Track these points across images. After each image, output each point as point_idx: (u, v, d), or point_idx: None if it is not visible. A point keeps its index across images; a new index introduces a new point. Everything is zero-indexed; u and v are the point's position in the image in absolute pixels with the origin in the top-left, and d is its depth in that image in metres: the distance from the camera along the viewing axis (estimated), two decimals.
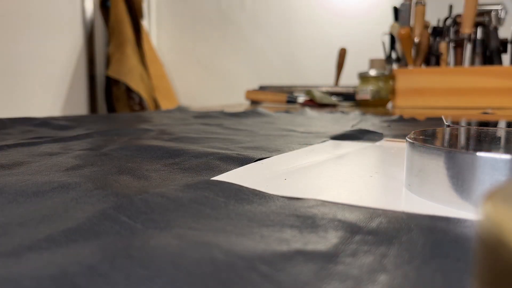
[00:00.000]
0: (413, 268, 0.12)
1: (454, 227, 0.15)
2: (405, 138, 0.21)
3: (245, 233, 0.14)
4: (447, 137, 0.22)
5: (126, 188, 0.20)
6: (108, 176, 0.23)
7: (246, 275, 0.11)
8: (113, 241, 0.13)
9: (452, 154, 0.17)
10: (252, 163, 0.26)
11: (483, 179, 0.16)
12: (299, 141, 0.38)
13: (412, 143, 0.20)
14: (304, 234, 0.14)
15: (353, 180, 0.23)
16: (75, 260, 0.12)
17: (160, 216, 0.16)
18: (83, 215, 0.16)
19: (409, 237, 0.14)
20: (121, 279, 0.11)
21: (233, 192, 0.20)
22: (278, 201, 0.18)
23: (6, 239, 0.14)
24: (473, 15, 0.96)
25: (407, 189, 0.20)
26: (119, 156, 0.29)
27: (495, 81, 0.94)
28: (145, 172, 0.24)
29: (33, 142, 0.35)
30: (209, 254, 0.12)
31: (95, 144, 0.35)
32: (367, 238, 0.14)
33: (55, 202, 0.18)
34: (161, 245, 0.13)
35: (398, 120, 0.62)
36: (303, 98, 1.11)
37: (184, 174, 0.24)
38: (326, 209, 0.17)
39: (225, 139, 0.38)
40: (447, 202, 0.18)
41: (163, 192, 0.20)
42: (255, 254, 0.12)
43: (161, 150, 0.31)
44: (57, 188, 0.20)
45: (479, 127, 0.27)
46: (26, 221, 0.15)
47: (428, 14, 1.06)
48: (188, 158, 0.28)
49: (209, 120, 0.58)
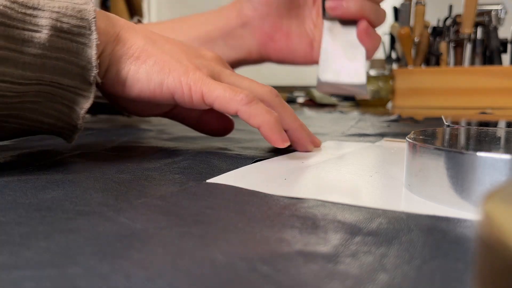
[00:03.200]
0: (413, 268, 0.12)
1: (454, 227, 0.15)
2: (405, 138, 0.21)
3: (245, 233, 0.14)
4: (447, 137, 0.22)
5: (125, 189, 0.20)
6: (108, 176, 0.23)
7: (246, 276, 0.11)
8: (113, 242, 0.13)
9: (452, 154, 0.17)
10: (251, 163, 0.26)
11: (483, 179, 0.16)
12: None
13: (412, 143, 0.20)
14: (304, 235, 0.14)
15: (353, 180, 0.23)
16: (74, 261, 0.12)
17: (160, 217, 0.16)
18: (83, 216, 0.16)
19: (409, 237, 0.14)
20: (121, 280, 0.11)
21: (233, 193, 0.20)
22: (278, 201, 0.18)
23: (6, 239, 0.14)
24: (473, 15, 0.96)
25: (407, 189, 0.20)
26: (118, 156, 0.29)
27: (495, 81, 0.94)
28: (144, 171, 0.24)
29: (32, 142, 0.35)
30: (208, 255, 0.12)
31: (95, 144, 0.35)
32: (367, 239, 0.14)
33: (54, 203, 0.18)
34: (161, 246, 0.13)
35: (397, 120, 0.62)
36: (303, 98, 1.11)
37: (184, 173, 0.24)
38: (326, 209, 0.17)
39: (224, 139, 0.38)
40: (447, 202, 0.18)
41: (162, 193, 0.20)
42: (255, 254, 0.12)
43: (160, 149, 0.31)
44: (56, 189, 0.20)
45: (479, 127, 0.27)
46: (26, 221, 0.15)
47: (428, 14, 1.06)
48: (188, 158, 0.28)
49: None
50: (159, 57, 0.28)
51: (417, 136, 0.21)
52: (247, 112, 0.27)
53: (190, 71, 0.28)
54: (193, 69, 0.28)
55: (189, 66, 0.28)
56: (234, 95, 0.27)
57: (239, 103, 0.27)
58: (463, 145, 0.19)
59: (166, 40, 0.30)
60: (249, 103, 0.27)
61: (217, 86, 0.27)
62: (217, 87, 0.27)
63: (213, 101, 0.27)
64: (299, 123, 0.31)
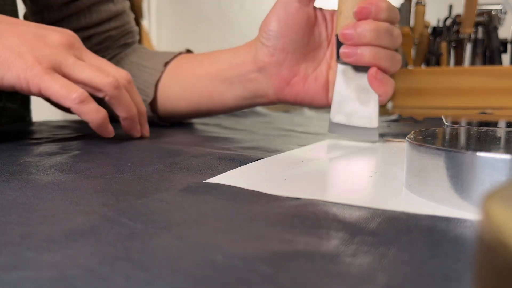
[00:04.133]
0: (413, 268, 0.12)
1: (454, 227, 0.15)
2: (405, 138, 0.21)
3: (245, 233, 0.14)
4: (447, 137, 0.22)
5: (125, 189, 0.20)
6: (108, 176, 0.23)
7: (246, 276, 0.11)
8: (113, 242, 0.13)
9: (452, 154, 0.17)
10: (251, 163, 0.26)
11: (483, 179, 0.16)
12: (298, 141, 0.38)
13: (412, 143, 0.20)
14: (304, 235, 0.14)
15: (353, 180, 0.23)
16: (74, 262, 0.12)
17: (160, 218, 0.16)
18: (83, 216, 0.16)
19: (409, 237, 0.14)
20: (121, 281, 0.11)
21: (233, 193, 0.20)
22: (278, 201, 0.18)
23: (6, 239, 0.14)
24: (473, 15, 0.96)
25: (407, 189, 0.20)
26: (118, 156, 0.29)
27: (495, 81, 0.94)
28: (144, 171, 0.24)
29: (32, 142, 0.35)
30: (209, 256, 0.12)
31: (95, 144, 0.35)
32: (367, 239, 0.14)
33: (54, 203, 0.18)
34: (161, 247, 0.13)
35: (397, 120, 0.62)
36: None
37: (184, 173, 0.24)
38: (326, 209, 0.17)
39: (224, 139, 0.38)
40: (447, 202, 0.18)
41: (162, 193, 0.20)
42: (255, 254, 0.12)
43: (160, 149, 0.31)
44: (56, 189, 0.20)
45: (479, 127, 0.27)
46: (26, 221, 0.15)
47: (428, 14, 1.06)
48: (188, 158, 0.28)
49: (208, 120, 0.58)
50: (0, 53, 0.30)
51: (417, 136, 0.21)
52: (78, 110, 0.31)
53: (28, 68, 0.30)
54: (32, 65, 0.30)
55: (28, 61, 0.30)
56: (68, 94, 0.31)
57: (72, 102, 0.31)
58: (463, 145, 0.19)
59: (12, 31, 0.32)
60: (81, 102, 0.31)
61: (54, 83, 0.30)
62: (54, 84, 0.30)
63: (50, 96, 0.31)
64: (134, 112, 0.36)
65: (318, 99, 0.41)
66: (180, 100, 0.46)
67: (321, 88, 0.40)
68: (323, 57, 0.40)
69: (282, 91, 0.41)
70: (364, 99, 0.35)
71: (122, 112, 0.36)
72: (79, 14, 0.48)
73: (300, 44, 0.39)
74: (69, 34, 0.35)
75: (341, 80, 0.36)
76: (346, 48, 0.34)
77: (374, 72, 0.34)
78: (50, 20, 0.49)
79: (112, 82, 0.34)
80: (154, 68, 0.47)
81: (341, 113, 0.36)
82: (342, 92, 0.36)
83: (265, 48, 0.39)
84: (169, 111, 0.48)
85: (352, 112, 0.36)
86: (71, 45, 0.34)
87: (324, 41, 0.40)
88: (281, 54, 0.39)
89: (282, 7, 0.38)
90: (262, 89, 0.42)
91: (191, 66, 0.46)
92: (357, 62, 0.34)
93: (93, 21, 0.49)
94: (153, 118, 0.48)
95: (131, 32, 0.53)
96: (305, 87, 0.40)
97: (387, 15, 0.35)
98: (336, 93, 0.36)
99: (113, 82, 0.34)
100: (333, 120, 0.37)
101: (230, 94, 0.43)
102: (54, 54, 0.32)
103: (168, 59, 0.48)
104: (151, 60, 0.48)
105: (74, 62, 0.33)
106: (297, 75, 0.40)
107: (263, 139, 0.39)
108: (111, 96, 0.34)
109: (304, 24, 0.38)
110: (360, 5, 0.34)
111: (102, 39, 0.50)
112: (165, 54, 0.49)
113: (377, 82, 0.34)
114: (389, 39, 0.35)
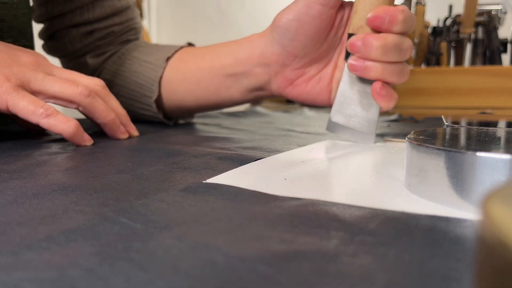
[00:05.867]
0: (413, 268, 0.12)
1: (454, 227, 0.15)
2: (405, 138, 0.21)
3: (245, 234, 0.14)
4: (447, 137, 0.22)
5: (125, 189, 0.20)
6: (108, 176, 0.23)
7: (246, 277, 0.11)
8: (113, 242, 0.13)
9: (452, 154, 0.17)
10: (251, 163, 0.26)
11: (483, 179, 0.16)
12: (298, 141, 0.38)
13: (412, 143, 0.20)
14: (304, 235, 0.14)
15: (353, 180, 0.23)
16: (74, 262, 0.12)
17: (160, 218, 0.16)
18: (83, 216, 0.16)
19: (409, 237, 0.14)
20: (121, 281, 0.11)
21: (233, 193, 0.19)
22: (278, 201, 0.18)
23: (6, 239, 0.14)
24: (473, 15, 0.96)
25: (407, 189, 0.20)
26: (118, 156, 0.29)
27: (495, 81, 0.94)
28: (144, 171, 0.24)
29: (32, 142, 0.35)
30: (209, 256, 0.12)
31: (94, 144, 0.35)
32: (367, 239, 0.14)
33: (54, 203, 0.18)
34: (161, 247, 0.13)
35: (397, 120, 0.62)
36: None
37: (184, 173, 0.24)
38: (326, 209, 0.17)
39: (224, 139, 0.38)
40: (447, 202, 0.18)
41: (162, 193, 0.20)
42: (255, 254, 0.12)
43: (160, 149, 0.31)
44: (56, 188, 0.20)
45: (479, 127, 0.27)
46: (26, 221, 0.15)
47: (428, 14, 1.06)
48: (187, 158, 0.28)
49: (208, 119, 0.58)
50: None
51: (417, 136, 0.21)
52: (47, 124, 0.32)
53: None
54: (0, 82, 0.31)
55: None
56: (35, 109, 0.31)
57: (39, 116, 0.32)
58: (463, 145, 0.19)
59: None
60: (47, 116, 0.32)
61: (21, 100, 0.31)
62: (21, 101, 0.31)
63: (17, 112, 0.31)
64: (112, 117, 0.37)
65: (320, 99, 0.41)
66: (186, 95, 0.46)
67: (324, 89, 0.40)
68: (331, 58, 0.40)
69: (284, 89, 0.41)
70: (365, 104, 0.35)
71: (99, 118, 0.36)
72: (82, 8, 0.48)
73: (311, 50, 0.38)
74: (36, 55, 0.36)
75: (346, 80, 0.36)
76: (353, 60, 0.33)
77: (378, 88, 0.33)
78: (54, 13, 0.49)
79: (82, 91, 0.34)
80: (157, 64, 0.47)
81: (341, 113, 0.36)
82: (345, 93, 0.36)
83: (276, 45, 0.39)
84: (176, 106, 0.48)
85: (352, 114, 0.36)
86: (39, 63, 0.35)
87: (337, 41, 0.39)
88: (289, 57, 0.39)
89: (304, 7, 0.36)
90: (266, 84, 0.42)
91: (194, 59, 0.46)
92: (363, 76, 0.33)
93: (96, 16, 0.49)
94: (157, 117, 0.48)
95: (134, 29, 0.53)
96: (308, 87, 0.40)
97: (401, 28, 0.32)
98: (340, 93, 0.36)
99: (84, 91, 0.34)
100: (333, 119, 0.37)
101: (236, 89, 0.43)
102: (22, 72, 0.33)
103: (170, 53, 0.47)
104: (153, 55, 0.48)
105: (43, 78, 0.34)
106: (302, 77, 0.40)
107: (263, 139, 0.39)
108: (84, 106, 0.35)
109: (323, 30, 0.37)
110: (375, 12, 0.32)
111: (105, 34, 0.50)
112: (167, 48, 0.49)
113: (381, 97, 0.34)
114: (397, 54, 0.33)
